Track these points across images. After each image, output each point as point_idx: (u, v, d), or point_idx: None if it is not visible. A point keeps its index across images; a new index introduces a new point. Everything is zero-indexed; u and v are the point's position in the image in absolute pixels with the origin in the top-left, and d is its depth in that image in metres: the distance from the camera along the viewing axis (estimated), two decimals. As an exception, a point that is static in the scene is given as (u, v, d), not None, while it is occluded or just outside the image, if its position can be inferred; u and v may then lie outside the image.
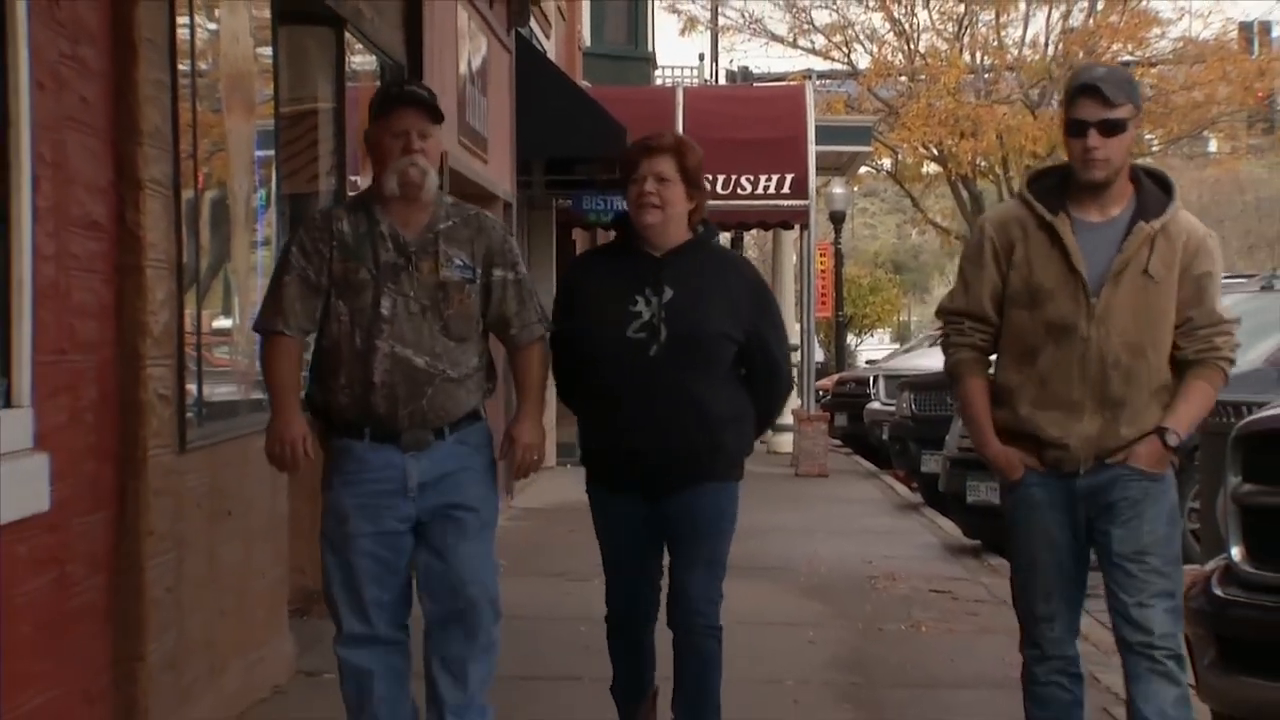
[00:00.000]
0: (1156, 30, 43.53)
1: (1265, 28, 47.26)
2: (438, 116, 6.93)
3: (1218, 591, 7.41)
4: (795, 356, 28.07)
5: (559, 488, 21.45)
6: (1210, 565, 7.87)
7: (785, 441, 26.95)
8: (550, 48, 24.70)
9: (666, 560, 7.59)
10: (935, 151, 44.31)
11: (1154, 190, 6.71)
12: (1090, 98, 6.60)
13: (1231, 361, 6.71)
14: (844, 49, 45.10)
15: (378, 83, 13.57)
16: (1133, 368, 6.57)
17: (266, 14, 10.27)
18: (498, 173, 19.33)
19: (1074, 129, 6.62)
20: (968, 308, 6.84)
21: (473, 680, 7.00)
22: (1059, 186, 6.77)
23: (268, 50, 10.45)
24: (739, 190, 25.70)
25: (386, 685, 7.01)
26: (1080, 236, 6.60)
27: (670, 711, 7.56)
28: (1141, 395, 6.59)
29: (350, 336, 6.85)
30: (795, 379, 7.61)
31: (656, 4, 40.03)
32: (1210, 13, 68.11)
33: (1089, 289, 6.57)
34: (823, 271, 39.99)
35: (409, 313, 6.83)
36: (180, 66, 8.08)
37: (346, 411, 6.92)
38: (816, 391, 29.12)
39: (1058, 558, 6.72)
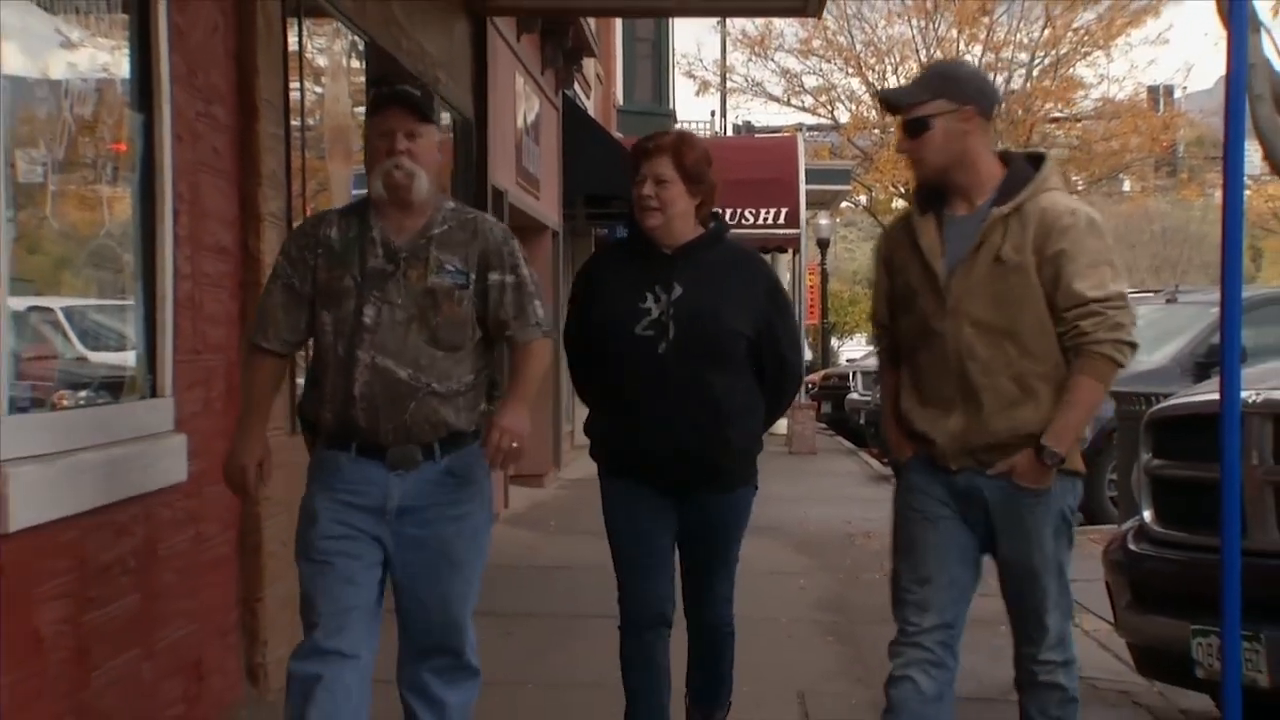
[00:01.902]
0: (1081, 92, 43.58)
1: (1169, 91, 47.46)
2: (427, 116, 5.59)
3: (1132, 547, 7.42)
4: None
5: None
6: (1126, 525, 7.88)
7: (781, 425, 26.87)
8: (590, 105, 24.72)
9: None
10: (903, 189, 44.29)
11: (1021, 174, 5.49)
12: (888, 109, 5.78)
13: (1117, 343, 5.33)
14: (828, 107, 45.08)
15: (451, 134, 13.63)
16: (991, 358, 5.38)
17: (361, 79, 10.33)
18: (548, 207, 19.38)
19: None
20: (873, 315, 5.93)
21: (451, 710, 5.69)
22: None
23: (361, 109, 10.50)
24: (743, 221, 25.84)
25: (330, 699, 5.38)
26: (947, 232, 5.49)
27: (685, 687, 6.71)
28: (1005, 385, 5.37)
29: (333, 346, 5.48)
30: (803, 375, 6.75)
31: (676, 70, 40.11)
32: (1125, 78, 67.95)
33: (943, 283, 5.45)
34: (812, 287, 40.02)
35: (394, 321, 5.43)
36: (293, 122, 8.15)
37: (331, 424, 5.53)
38: (806, 385, 29.10)
39: (935, 544, 5.56)
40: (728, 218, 24.73)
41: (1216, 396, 5.90)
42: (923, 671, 5.51)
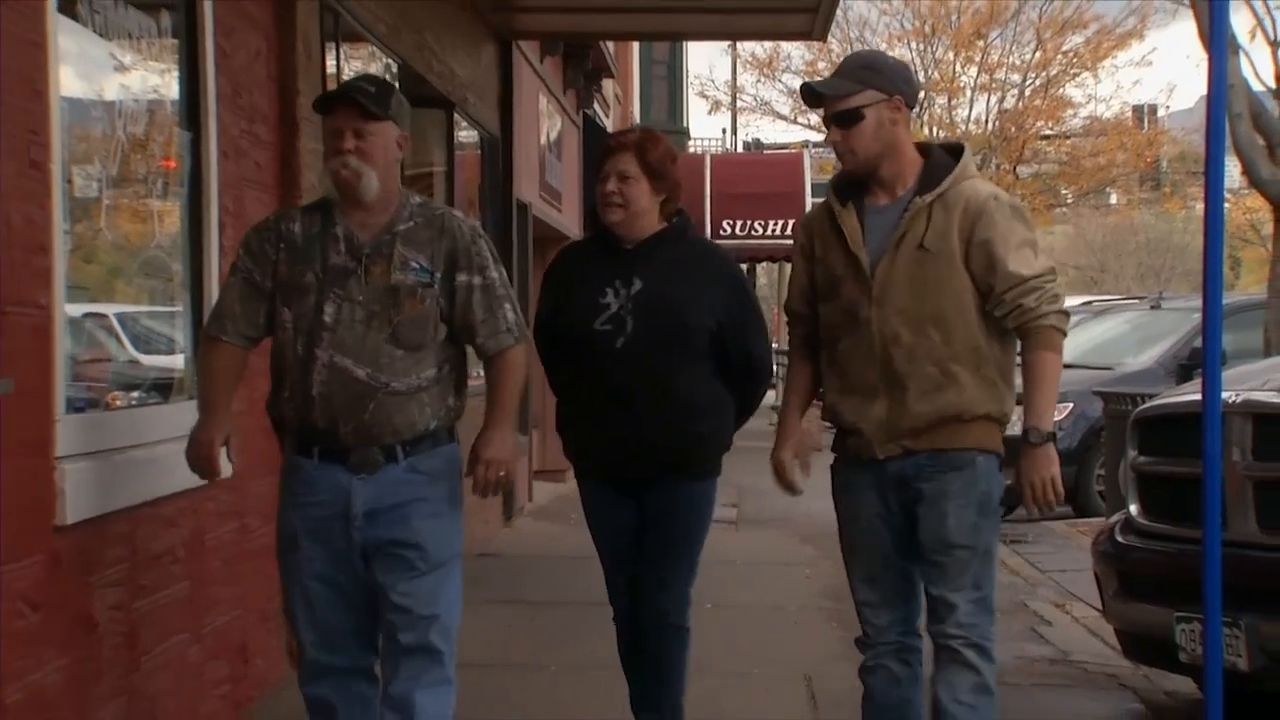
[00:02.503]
0: (1070, 111, 43.44)
1: (1153, 110, 47.38)
2: (377, 114, 5.10)
3: (1119, 538, 7.41)
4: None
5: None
6: (1113, 518, 7.87)
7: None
8: (609, 124, 24.72)
9: None
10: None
11: (941, 163, 5.26)
12: (813, 102, 5.45)
13: (1059, 313, 5.12)
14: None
15: (479, 151, 13.66)
16: (915, 344, 5.14)
17: (395, 100, 10.33)
18: (569, 219, 19.38)
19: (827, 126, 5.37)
20: (788, 305, 5.60)
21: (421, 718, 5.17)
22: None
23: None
24: (753, 232, 25.87)
25: (352, 715, 5.24)
26: (868, 221, 5.26)
27: (636, 714, 6.25)
28: (927, 371, 5.13)
29: (293, 343, 5.09)
30: (774, 371, 6.34)
31: (690, 90, 40.13)
32: (1111, 98, 67.62)
33: (868, 271, 5.20)
34: (817, 294, 39.95)
35: (354, 320, 5.02)
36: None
37: (292, 424, 5.17)
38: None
39: (877, 543, 5.35)
40: (738, 229, 24.82)
41: (1199, 397, 5.89)
42: (894, 659, 5.40)
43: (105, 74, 5.77)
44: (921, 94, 42.94)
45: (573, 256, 6.45)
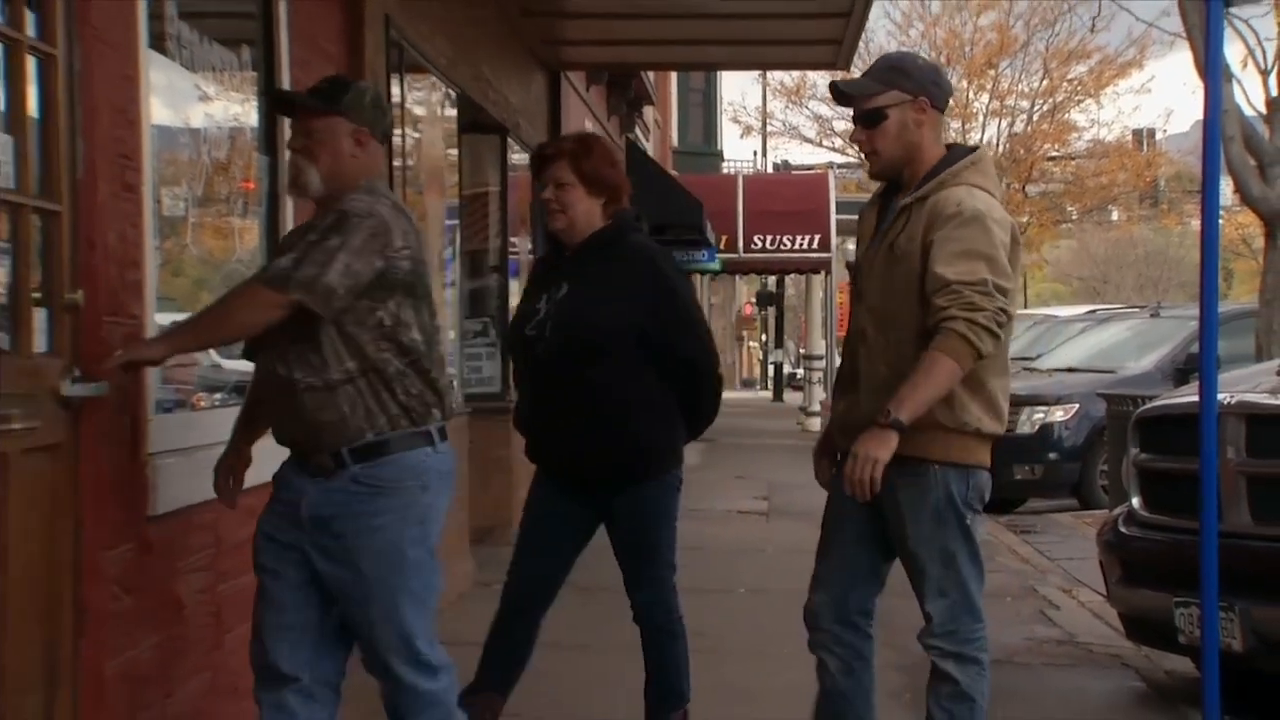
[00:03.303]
0: (1075, 134, 43.40)
1: (1151, 133, 47.28)
2: (317, 108, 4.59)
3: (1122, 529, 7.40)
4: (813, 361, 28.46)
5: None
6: (1116, 511, 7.85)
7: (815, 423, 26.90)
8: (650, 146, 24.74)
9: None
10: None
11: (945, 165, 4.85)
12: (840, 101, 5.14)
13: (969, 322, 4.53)
14: (855, 148, 44.92)
15: (531, 173, 13.69)
16: (875, 342, 4.80)
17: (454, 126, 10.40)
18: (613, 235, 19.40)
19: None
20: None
21: None
22: None
23: (454, 150, 10.58)
24: (781, 246, 25.84)
25: None
26: (885, 220, 4.92)
27: (644, 699, 5.93)
28: (880, 370, 4.76)
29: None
30: (716, 372, 5.62)
31: (724, 116, 40.18)
32: (1113, 122, 67.51)
33: (860, 269, 4.98)
34: (842, 303, 39.65)
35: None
36: (395, 162, 8.18)
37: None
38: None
39: (838, 525, 5.01)
40: (768, 244, 24.67)
41: (1195, 398, 5.87)
42: (825, 649, 5.06)
43: (191, 104, 5.81)
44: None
45: (538, 264, 6.20)
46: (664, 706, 5.88)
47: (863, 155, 4.98)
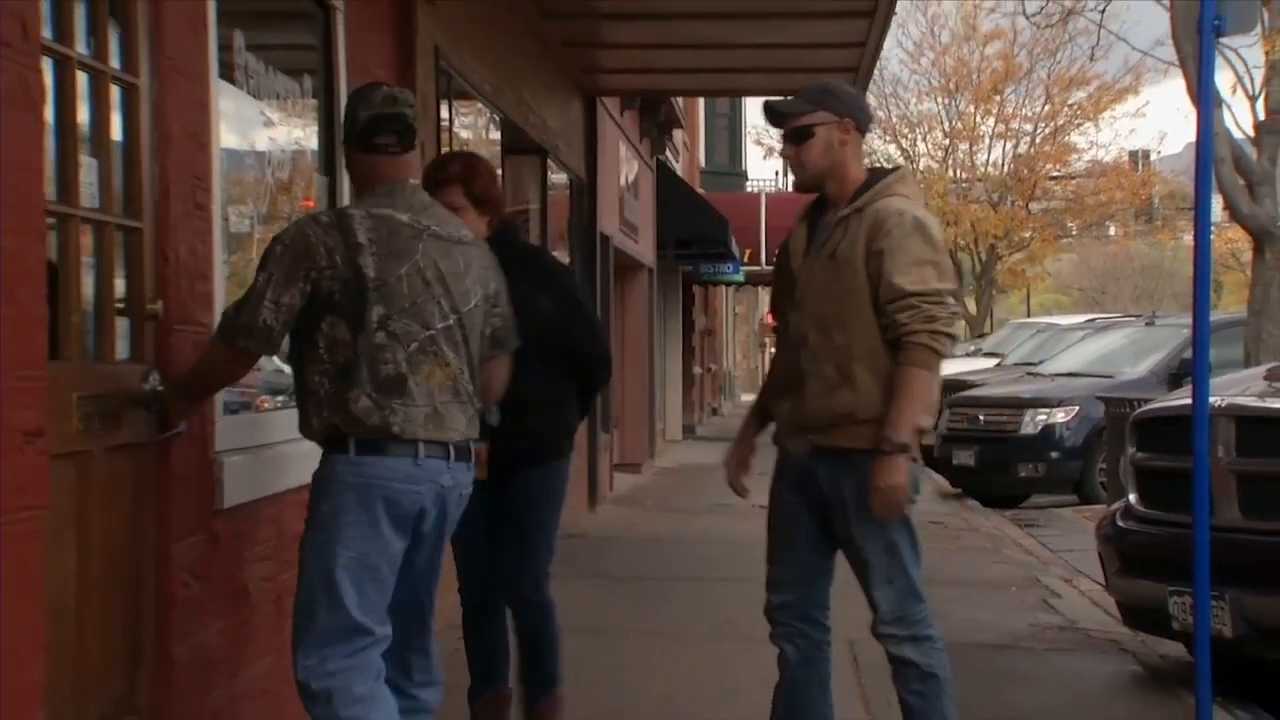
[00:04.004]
0: (1075, 155, 43.37)
1: (1146, 154, 47.24)
2: None
3: (1120, 523, 7.38)
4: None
5: (685, 454, 21.54)
6: (1114, 506, 7.84)
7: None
8: (679, 167, 24.75)
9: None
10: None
11: (875, 182, 4.84)
12: (771, 119, 5.02)
13: (932, 333, 4.58)
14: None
15: (568, 191, 13.71)
16: (818, 345, 4.73)
17: (498, 148, 10.42)
18: (645, 249, 19.42)
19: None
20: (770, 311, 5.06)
21: None
22: None
23: (499, 170, 10.57)
24: (801, 259, 25.79)
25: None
26: (816, 233, 4.86)
27: (521, 684, 5.69)
28: (826, 371, 4.70)
29: None
30: (607, 357, 5.37)
31: (748, 138, 40.19)
32: (1110, 144, 67.55)
33: (796, 278, 4.88)
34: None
35: None
36: (444, 182, 8.20)
37: None
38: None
39: (785, 527, 4.93)
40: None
41: (1189, 401, 5.87)
42: (788, 641, 4.95)
43: (257, 129, 5.84)
44: (946, 141, 42.94)
45: None
46: (536, 691, 5.62)
47: (790, 167, 4.93)
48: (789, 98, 5.00)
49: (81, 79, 4.11)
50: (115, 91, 4.31)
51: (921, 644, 4.84)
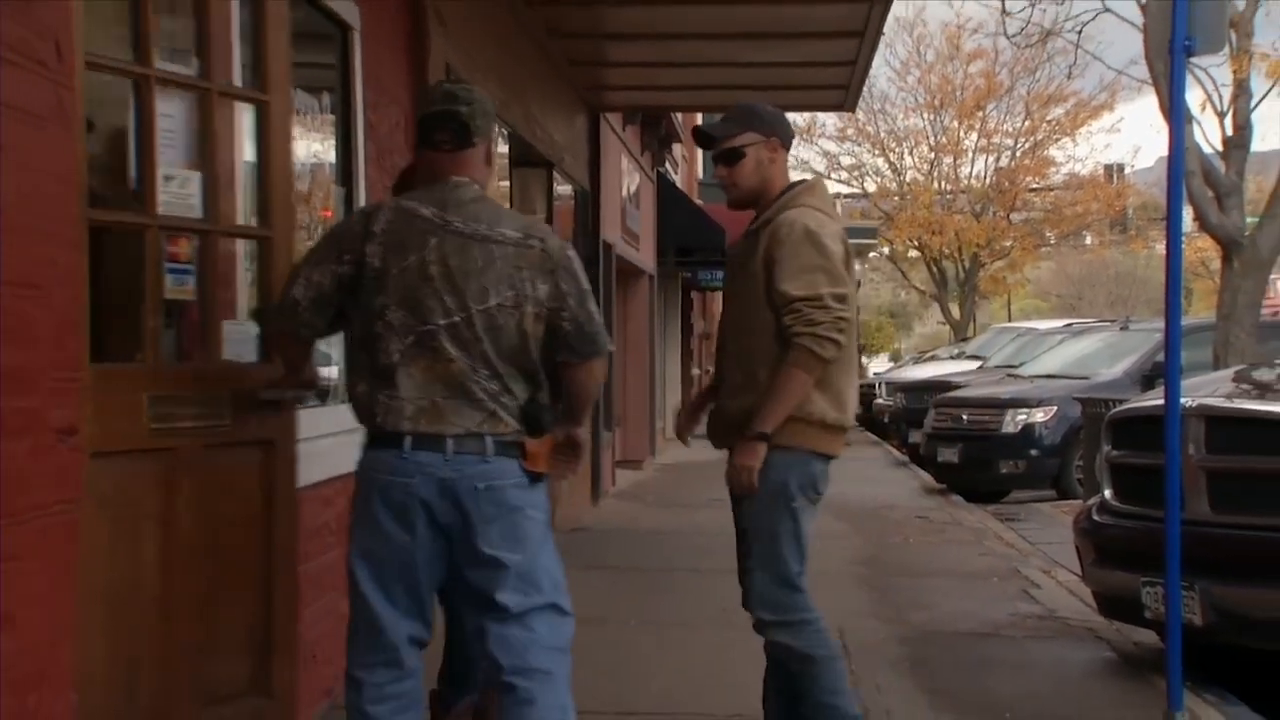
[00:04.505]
0: (1053, 169, 43.45)
1: (1121, 168, 47.17)
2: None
3: (1096, 517, 7.38)
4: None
5: (684, 451, 21.51)
6: (1090, 501, 7.83)
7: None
8: (678, 179, 24.73)
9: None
10: (916, 243, 44.15)
11: (786, 194, 4.88)
12: (701, 142, 5.05)
13: (814, 337, 4.58)
14: (859, 180, 44.93)
15: (573, 201, 13.71)
16: (733, 351, 4.82)
17: (506, 160, 10.42)
18: (646, 256, 19.42)
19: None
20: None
21: None
22: None
23: (506, 182, 10.60)
24: (794, 267, 25.75)
25: None
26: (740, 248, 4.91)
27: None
28: (736, 375, 4.79)
29: None
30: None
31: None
32: (1087, 158, 67.35)
33: (724, 290, 5.02)
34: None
35: None
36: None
37: None
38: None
39: (736, 524, 4.96)
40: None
41: (1161, 402, 5.87)
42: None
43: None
44: (931, 154, 42.98)
45: None
46: (455, 692, 5.24)
47: (724, 187, 4.93)
48: (717, 121, 4.98)
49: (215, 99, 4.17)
50: (246, 109, 4.36)
51: (794, 627, 4.81)
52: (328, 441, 5.48)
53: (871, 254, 45.48)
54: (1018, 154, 42.67)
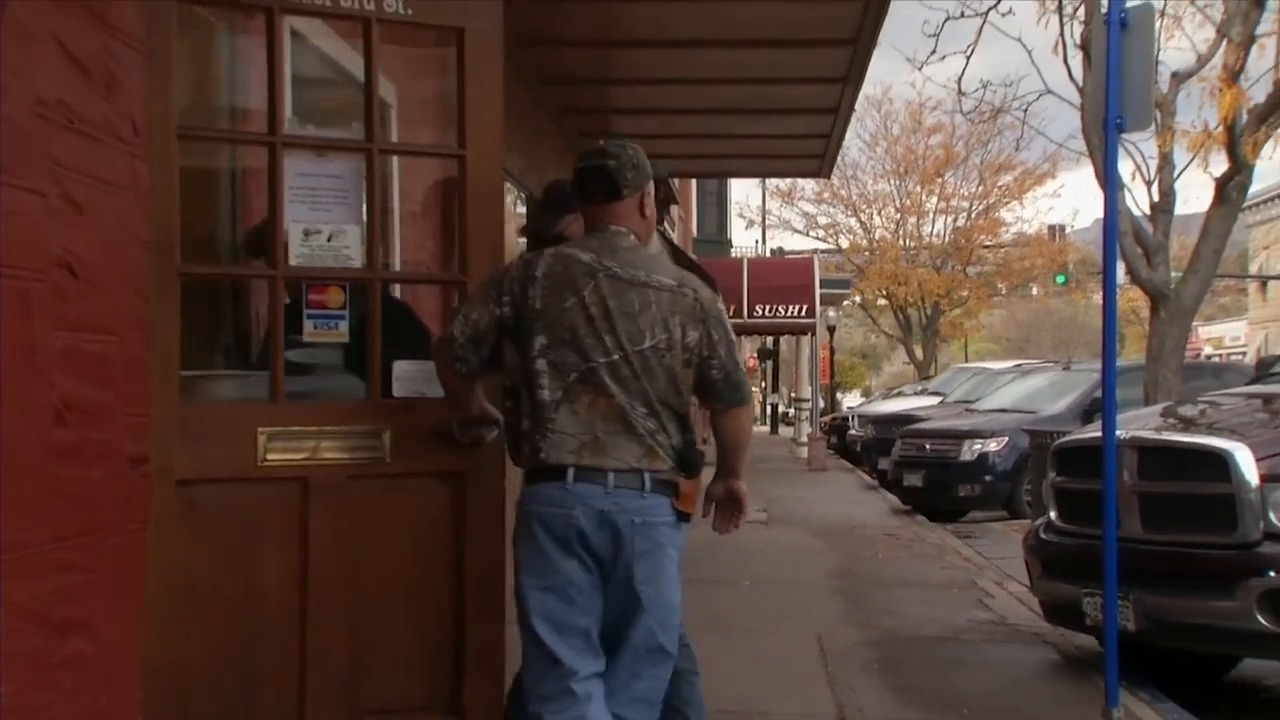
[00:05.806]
0: (1004, 228, 43.68)
1: (1062, 228, 47.46)
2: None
3: (1042, 535, 7.36)
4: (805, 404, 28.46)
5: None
6: (1038, 521, 7.81)
7: (803, 451, 26.75)
8: (675, 235, 24.78)
9: None
10: (884, 293, 44.23)
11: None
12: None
13: None
14: (834, 238, 45.04)
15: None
16: None
17: (523, 221, 10.39)
18: (647, 305, 19.41)
19: None
20: None
21: None
22: None
23: (524, 239, 10.56)
24: (776, 314, 25.68)
25: None
26: None
27: None
28: None
29: None
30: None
31: (732, 211, 40.27)
32: (1032, 219, 67.89)
33: None
34: (824, 358, 39.81)
35: None
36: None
37: None
38: (820, 423, 28.89)
39: None
40: (766, 312, 24.52)
41: (1099, 434, 5.86)
42: None
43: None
44: (898, 215, 43.12)
45: None
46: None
47: None
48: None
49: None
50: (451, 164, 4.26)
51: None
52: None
53: (845, 302, 45.48)
54: (973, 215, 42.83)
